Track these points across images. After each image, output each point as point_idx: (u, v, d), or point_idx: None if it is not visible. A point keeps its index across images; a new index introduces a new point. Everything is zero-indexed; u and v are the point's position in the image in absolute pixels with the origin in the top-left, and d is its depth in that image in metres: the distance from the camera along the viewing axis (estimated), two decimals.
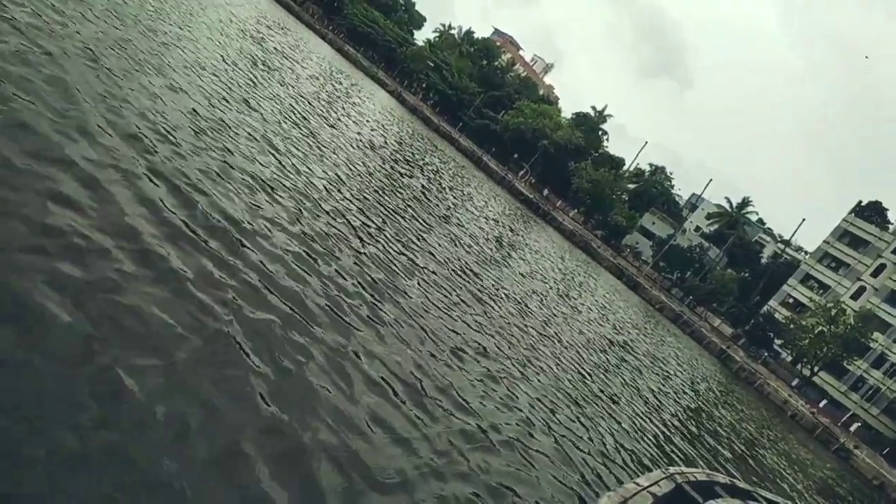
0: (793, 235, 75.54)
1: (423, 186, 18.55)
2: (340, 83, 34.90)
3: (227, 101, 10.77)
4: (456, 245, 13.68)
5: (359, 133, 19.76)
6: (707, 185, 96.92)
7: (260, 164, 8.69)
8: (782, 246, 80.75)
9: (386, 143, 23.03)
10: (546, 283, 18.27)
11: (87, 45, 7.96)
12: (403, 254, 9.76)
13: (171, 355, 3.81)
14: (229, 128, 9.32)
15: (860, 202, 67.33)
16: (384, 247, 9.33)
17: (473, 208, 24.35)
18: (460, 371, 6.81)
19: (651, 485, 4.43)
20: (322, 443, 4.06)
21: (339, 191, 10.58)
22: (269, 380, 4.26)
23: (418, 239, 11.53)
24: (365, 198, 11.55)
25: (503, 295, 12.32)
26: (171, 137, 7.18)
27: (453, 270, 11.16)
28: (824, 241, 67.58)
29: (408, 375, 5.77)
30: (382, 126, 28.87)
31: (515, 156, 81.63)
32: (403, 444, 4.67)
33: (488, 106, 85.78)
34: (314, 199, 9.03)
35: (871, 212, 66.32)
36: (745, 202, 79.13)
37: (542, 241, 34.00)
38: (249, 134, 9.82)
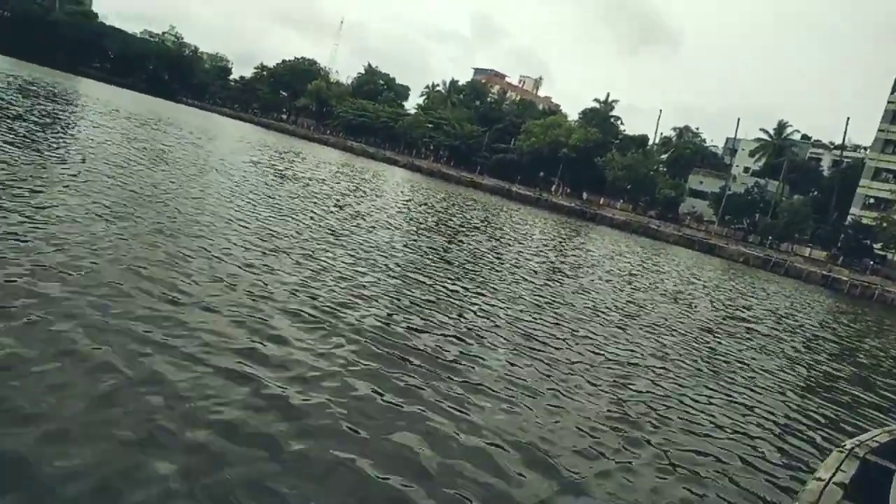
0: (844, 138, 72.64)
1: (493, 248, 19.19)
2: (367, 180, 36.66)
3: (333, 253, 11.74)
4: (554, 283, 14.09)
5: (414, 219, 20.81)
6: (738, 124, 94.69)
7: (412, 290, 9.47)
8: (839, 152, 77.54)
9: (438, 220, 23.99)
10: (644, 285, 18.36)
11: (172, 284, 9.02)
12: (525, 316, 10.23)
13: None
14: (359, 280, 10.19)
15: None
16: (515, 317, 9.86)
17: (537, 242, 24.87)
18: (628, 390, 7.15)
19: (834, 474, 4.02)
20: None
21: (451, 284, 11.24)
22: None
23: (529, 294, 12.03)
24: (472, 279, 12.17)
25: (624, 314, 12.57)
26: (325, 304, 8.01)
27: (572, 311, 11.55)
28: (879, 130, 64.68)
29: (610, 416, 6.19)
30: (424, 204, 30.07)
31: (542, 174, 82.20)
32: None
33: (496, 140, 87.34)
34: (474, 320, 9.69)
35: None
36: (783, 125, 76.96)
37: (607, 245, 34.01)
38: (381, 271, 10.67)
